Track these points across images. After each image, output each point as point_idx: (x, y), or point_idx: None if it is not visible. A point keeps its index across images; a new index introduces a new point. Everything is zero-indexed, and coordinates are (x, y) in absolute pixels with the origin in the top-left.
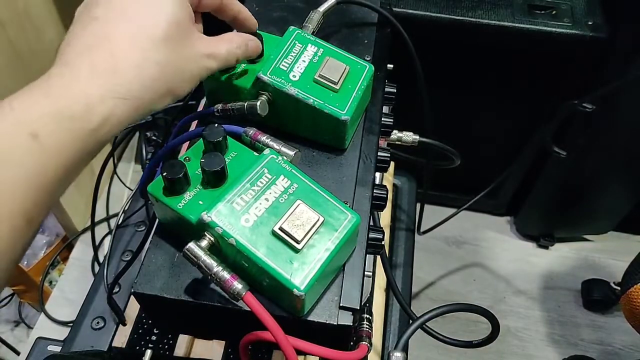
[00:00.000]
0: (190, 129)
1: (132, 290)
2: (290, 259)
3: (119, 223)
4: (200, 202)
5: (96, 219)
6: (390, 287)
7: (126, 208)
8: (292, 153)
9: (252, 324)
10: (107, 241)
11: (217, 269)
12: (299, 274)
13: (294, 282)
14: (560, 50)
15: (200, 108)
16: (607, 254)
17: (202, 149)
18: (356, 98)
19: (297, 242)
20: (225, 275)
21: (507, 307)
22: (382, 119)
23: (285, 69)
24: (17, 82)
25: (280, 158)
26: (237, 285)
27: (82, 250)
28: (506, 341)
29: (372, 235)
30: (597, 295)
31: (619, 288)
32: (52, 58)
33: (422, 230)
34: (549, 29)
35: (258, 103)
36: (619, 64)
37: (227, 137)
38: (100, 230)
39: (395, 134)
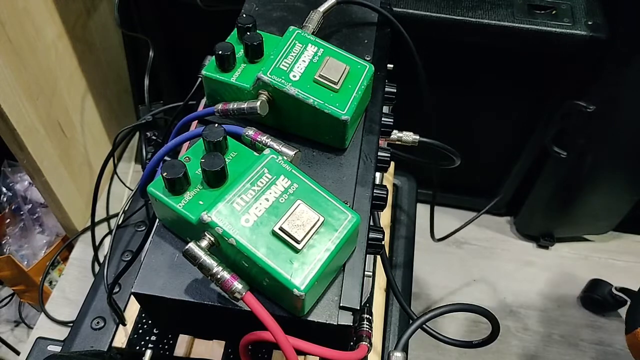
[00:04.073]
0: (190, 129)
1: (132, 290)
2: (291, 259)
3: (119, 223)
4: (201, 202)
5: (96, 219)
6: (390, 287)
7: (126, 208)
8: (292, 153)
9: (252, 324)
10: (107, 241)
11: (217, 269)
12: (299, 274)
13: (294, 282)
14: (560, 50)
15: (200, 108)
16: (607, 254)
17: (202, 149)
18: (356, 98)
19: (297, 242)
20: (225, 275)
21: (507, 307)
22: (382, 119)
23: (285, 69)
24: (17, 81)
25: (280, 158)
26: (237, 285)
27: (82, 250)
28: (506, 341)
29: (372, 235)
30: (597, 296)
31: (619, 294)
32: (52, 58)
33: (437, 237)
34: (549, 29)
35: (258, 103)
36: (618, 64)
37: (227, 137)
38: (100, 230)
39: (395, 134)
